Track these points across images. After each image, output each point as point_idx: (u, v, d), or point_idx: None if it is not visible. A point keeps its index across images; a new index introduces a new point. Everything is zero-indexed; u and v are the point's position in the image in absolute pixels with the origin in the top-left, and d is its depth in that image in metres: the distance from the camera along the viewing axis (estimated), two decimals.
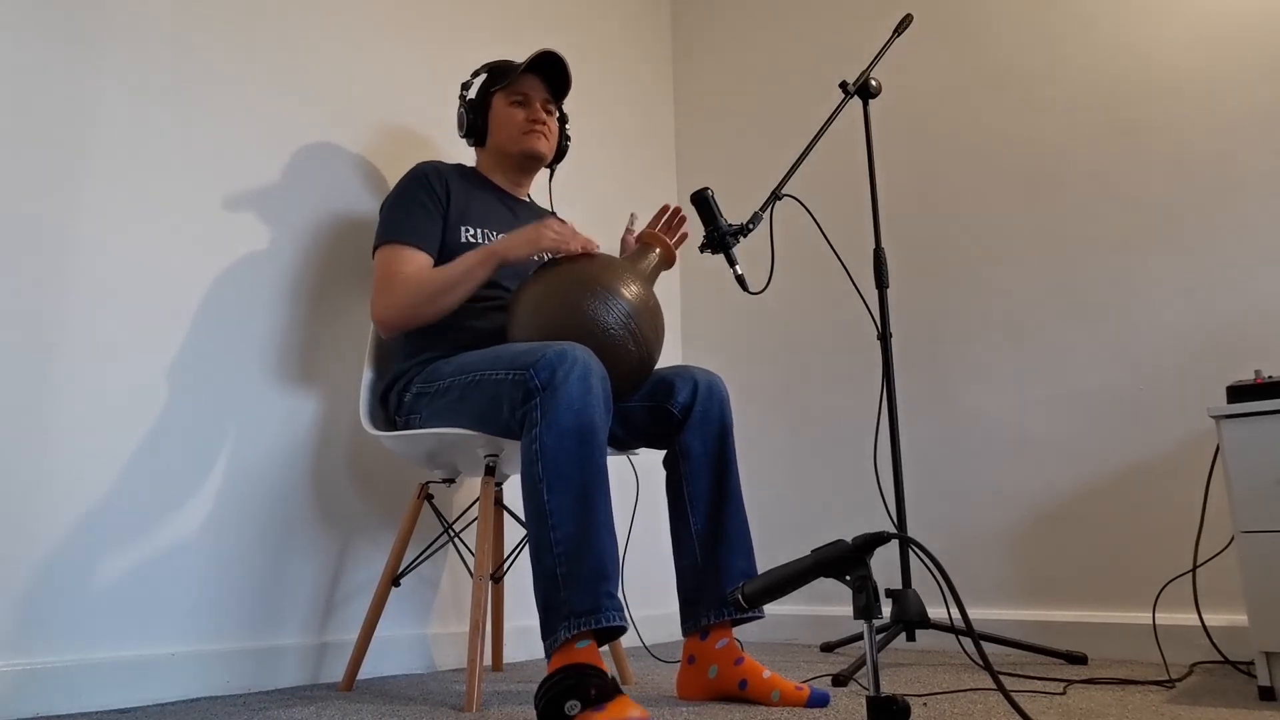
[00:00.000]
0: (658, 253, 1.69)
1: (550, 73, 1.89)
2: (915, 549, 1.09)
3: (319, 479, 1.85)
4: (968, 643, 2.10)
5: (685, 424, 1.61)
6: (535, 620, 2.15)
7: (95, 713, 1.43)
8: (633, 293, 1.55)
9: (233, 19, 1.85)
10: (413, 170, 1.79)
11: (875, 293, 2.33)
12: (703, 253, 1.81)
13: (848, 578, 1.02)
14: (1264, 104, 2.05)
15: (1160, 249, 2.13)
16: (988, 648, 2.08)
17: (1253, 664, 1.70)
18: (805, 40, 2.87)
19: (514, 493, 2.18)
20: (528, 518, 1.34)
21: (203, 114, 1.77)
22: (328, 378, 1.90)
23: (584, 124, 2.72)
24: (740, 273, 1.74)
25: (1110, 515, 2.10)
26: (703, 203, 1.76)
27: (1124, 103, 2.24)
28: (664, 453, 1.66)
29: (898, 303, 2.51)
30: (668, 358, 2.88)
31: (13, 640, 1.39)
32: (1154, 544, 2.04)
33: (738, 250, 2.04)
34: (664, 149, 3.09)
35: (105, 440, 1.54)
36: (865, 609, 0.99)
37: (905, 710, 0.99)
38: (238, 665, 1.64)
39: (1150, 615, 1.99)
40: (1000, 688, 0.97)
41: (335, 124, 2.00)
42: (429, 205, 1.74)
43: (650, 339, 1.56)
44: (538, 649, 2.20)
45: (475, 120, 1.89)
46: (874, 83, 2.09)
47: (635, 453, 1.81)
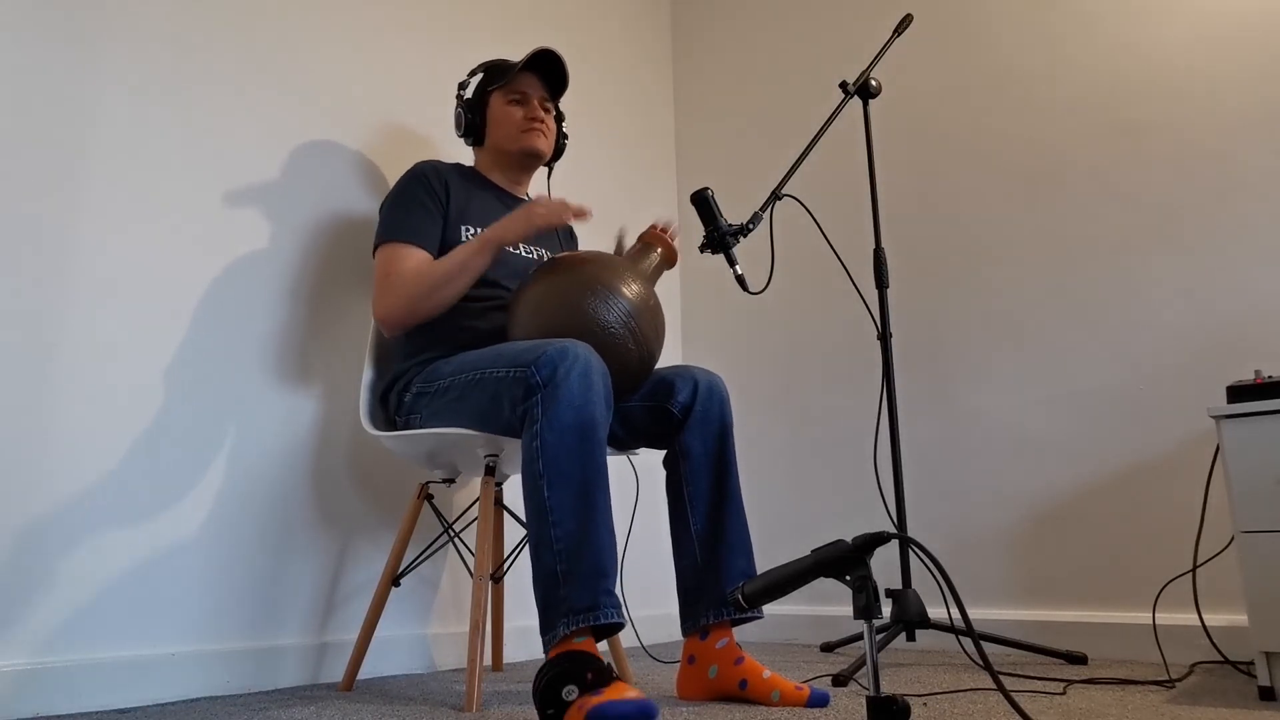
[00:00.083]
0: (659, 253, 1.69)
1: (548, 70, 1.89)
2: (915, 549, 1.09)
3: (319, 479, 1.85)
4: (968, 643, 2.10)
5: (685, 424, 1.61)
6: (535, 620, 2.15)
7: (95, 713, 1.43)
8: (633, 292, 1.54)
9: (233, 19, 1.85)
10: (412, 169, 1.79)
11: (875, 293, 2.33)
12: (703, 253, 1.81)
13: (848, 578, 1.02)
14: (1264, 104, 2.05)
15: (1160, 249, 2.13)
16: (988, 648, 2.08)
17: (1253, 664, 1.70)
18: (805, 40, 2.87)
19: (514, 493, 2.18)
20: (528, 514, 1.34)
21: (203, 114, 1.77)
22: (328, 378, 1.90)
23: (584, 124, 2.72)
24: (740, 273, 1.74)
25: (1110, 515, 2.10)
26: (703, 203, 1.76)
27: (1124, 103, 2.24)
28: (664, 453, 1.66)
29: (898, 303, 2.51)
30: (668, 358, 2.88)
31: (13, 640, 1.39)
32: (1154, 544, 2.04)
33: (738, 250, 2.04)
34: (664, 149, 3.09)
35: (105, 440, 1.54)
36: (865, 609, 0.99)
37: (905, 710, 0.99)
38: (238, 665, 1.64)
39: (1150, 615, 1.99)
40: (1000, 688, 0.97)
41: (335, 124, 2.01)
42: (428, 204, 1.74)
43: (651, 338, 1.56)
44: (538, 649, 2.20)
45: (473, 120, 1.89)
46: (874, 83, 2.09)
47: (635, 452, 1.81)
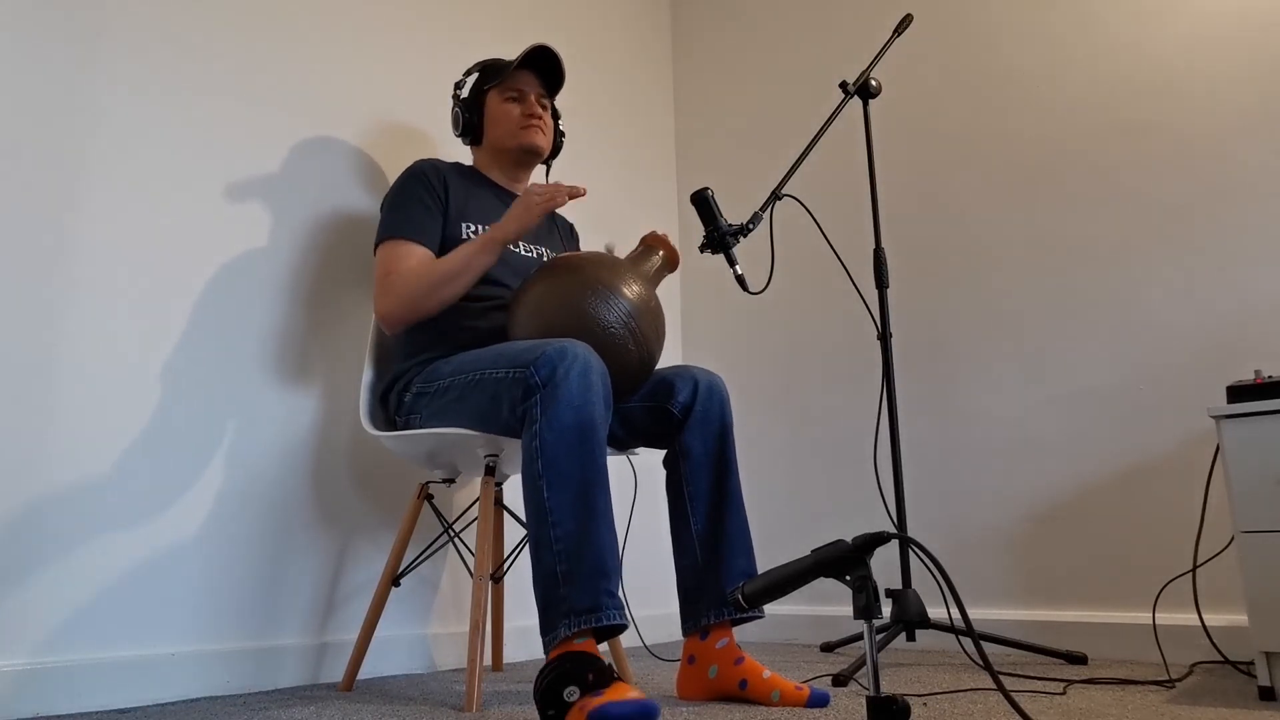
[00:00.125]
0: (661, 255, 1.68)
1: (543, 67, 1.89)
2: (915, 549, 1.09)
3: (319, 479, 1.85)
4: (968, 643, 2.10)
5: (685, 424, 1.61)
6: (535, 620, 2.15)
7: (95, 713, 1.43)
8: (634, 292, 1.54)
9: (233, 19, 1.85)
10: (411, 168, 1.79)
11: (875, 293, 2.33)
12: (703, 253, 1.81)
13: (848, 578, 1.02)
14: (1264, 104, 2.05)
15: (1160, 249, 2.13)
16: (988, 648, 2.08)
17: (1253, 664, 1.70)
18: (805, 40, 2.87)
19: (514, 493, 2.18)
20: (528, 515, 1.34)
21: (203, 114, 1.77)
22: (328, 378, 1.90)
23: (584, 124, 2.72)
24: (740, 273, 1.74)
25: (1110, 515, 2.10)
26: (703, 203, 1.75)
27: (1124, 103, 2.24)
28: (664, 452, 1.66)
29: (898, 303, 2.51)
30: (668, 358, 2.88)
31: (13, 640, 1.39)
32: (1154, 544, 2.04)
33: (738, 250, 2.04)
34: (664, 149, 3.09)
35: (105, 440, 1.54)
36: (865, 609, 0.99)
37: (905, 710, 0.99)
38: (238, 665, 1.64)
39: (1150, 615, 1.99)
40: (1000, 688, 0.97)
41: (335, 123, 2.00)
42: (428, 201, 1.74)
43: (651, 339, 1.56)
44: (538, 649, 2.20)
45: (471, 119, 1.89)
46: (874, 83, 2.09)
47: (635, 452, 1.81)
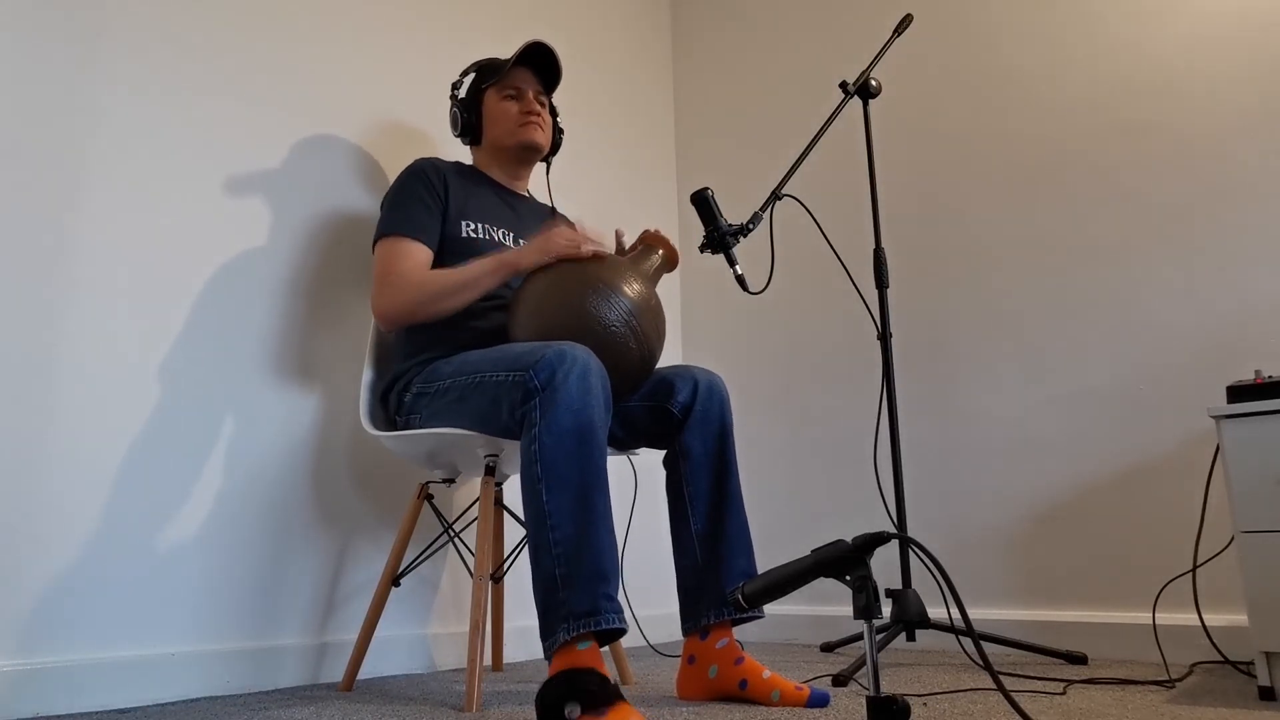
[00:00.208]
0: (660, 254, 1.68)
1: (540, 64, 1.89)
2: (915, 549, 1.09)
3: (319, 479, 1.85)
4: (968, 643, 2.10)
5: (685, 424, 1.61)
6: (535, 620, 2.15)
7: (95, 713, 1.43)
8: (635, 291, 1.54)
9: (233, 19, 1.85)
10: (410, 166, 1.79)
11: (875, 293, 2.33)
12: (703, 253, 1.81)
13: (848, 578, 1.02)
14: (1264, 104, 2.05)
15: (1160, 249, 2.13)
16: (988, 648, 2.08)
17: (1253, 664, 1.70)
18: (805, 40, 2.86)
19: (514, 493, 2.18)
20: (527, 519, 1.34)
21: (203, 114, 1.77)
22: (327, 378, 1.90)
23: (584, 124, 2.72)
24: (740, 273, 1.74)
25: (1110, 515, 2.10)
26: (703, 203, 1.75)
27: (1124, 103, 2.24)
28: (664, 453, 1.66)
29: (898, 303, 2.51)
30: (668, 358, 2.88)
31: (13, 640, 1.39)
32: (1154, 544, 2.04)
33: (738, 250, 2.04)
34: (664, 149, 3.09)
35: (105, 440, 1.54)
36: (865, 609, 0.99)
37: (905, 710, 0.99)
38: (238, 665, 1.64)
39: (1150, 615, 1.99)
40: (1000, 688, 0.97)
41: (335, 123, 2.00)
42: (428, 200, 1.74)
43: (651, 338, 1.56)
44: (538, 649, 2.20)
45: (469, 118, 1.89)
46: (874, 83, 2.09)
47: (635, 453, 1.81)
